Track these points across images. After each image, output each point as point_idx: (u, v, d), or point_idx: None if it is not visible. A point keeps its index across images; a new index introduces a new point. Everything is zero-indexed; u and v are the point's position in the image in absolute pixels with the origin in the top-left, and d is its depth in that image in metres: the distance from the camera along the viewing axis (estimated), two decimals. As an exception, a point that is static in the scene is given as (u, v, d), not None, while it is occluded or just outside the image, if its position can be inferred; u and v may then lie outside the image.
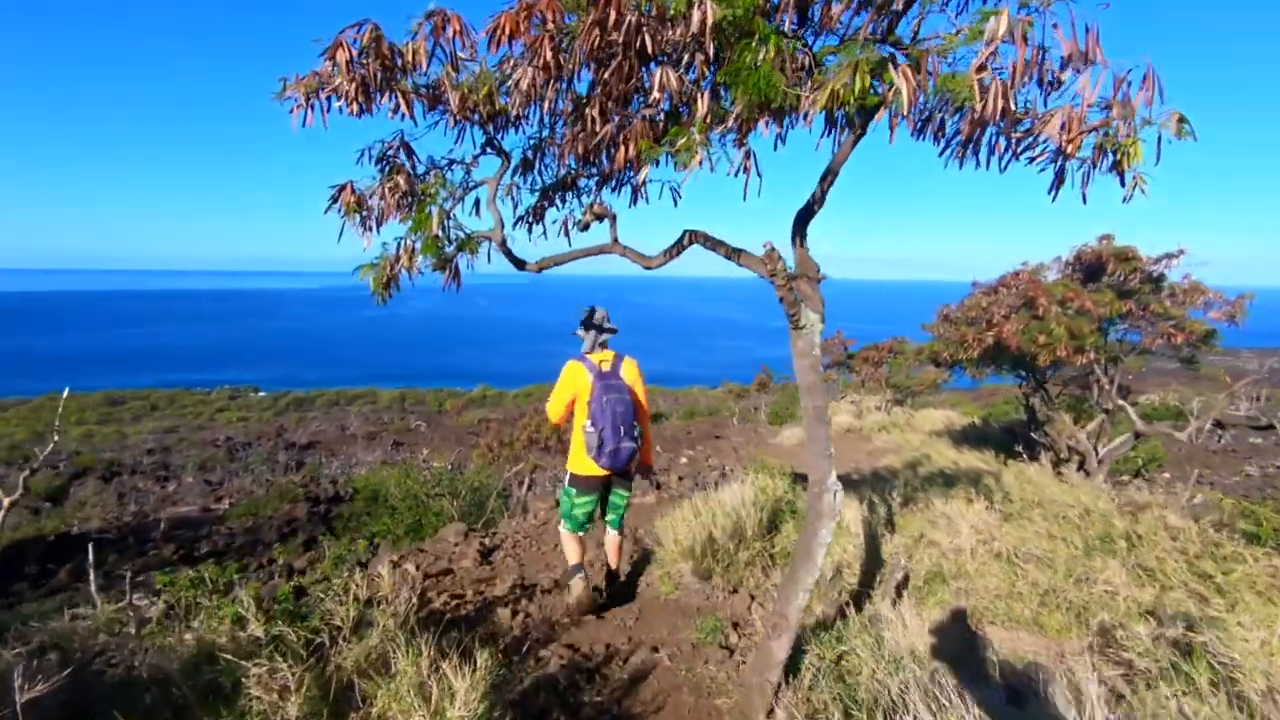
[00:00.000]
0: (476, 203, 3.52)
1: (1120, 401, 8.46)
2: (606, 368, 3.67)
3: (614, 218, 3.32)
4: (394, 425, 33.69)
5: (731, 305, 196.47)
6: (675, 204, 3.76)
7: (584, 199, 3.75)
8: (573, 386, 3.68)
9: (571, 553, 3.85)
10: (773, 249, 2.41)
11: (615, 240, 3.29)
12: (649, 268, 3.13)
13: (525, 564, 5.00)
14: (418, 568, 4.45)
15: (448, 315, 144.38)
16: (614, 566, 4.12)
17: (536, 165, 3.89)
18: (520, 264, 3.36)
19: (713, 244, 2.89)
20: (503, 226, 3.20)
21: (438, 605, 3.96)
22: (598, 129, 2.58)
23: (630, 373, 3.75)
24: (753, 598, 4.08)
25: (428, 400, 43.25)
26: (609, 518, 3.95)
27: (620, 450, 3.50)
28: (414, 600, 3.29)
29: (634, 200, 3.86)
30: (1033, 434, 9.80)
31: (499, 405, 39.80)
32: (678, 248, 3.01)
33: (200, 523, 8.75)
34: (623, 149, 2.57)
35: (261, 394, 47.41)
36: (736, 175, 2.47)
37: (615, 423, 3.48)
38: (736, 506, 4.46)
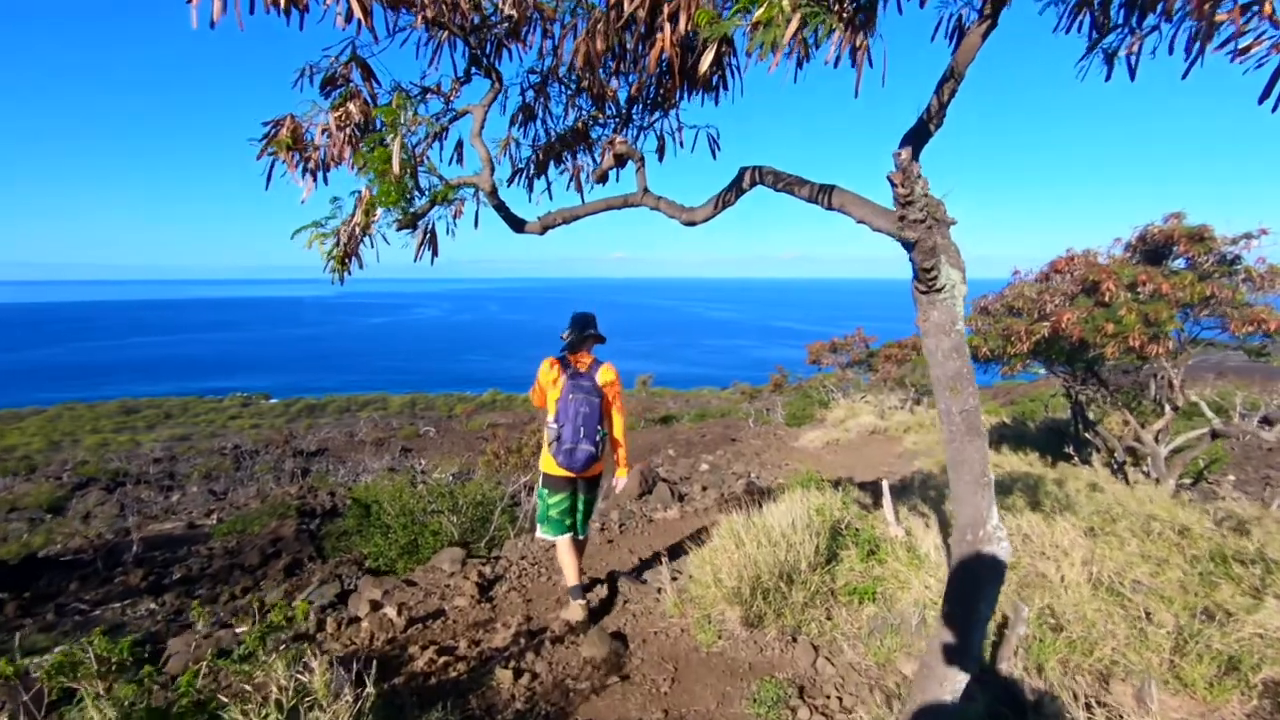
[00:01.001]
0: (459, 147, 2.66)
1: (1194, 397, 7.52)
2: (582, 369, 3.61)
3: (641, 161, 2.46)
4: (403, 431, 32.98)
5: (730, 306, 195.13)
6: (714, 155, 2.90)
7: (598, 155, 2.90)
8: (544, 381, 3.65)
9: (569, 571, 3.75)
10: (908, 161, 1.54)
11: (645, 190, 2.42)
12: (692, 222, 2.27)
13: (532, 599, 4.14)
14: (400, 611, 3.57)
15: (458, 322, 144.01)
16: (574, 580, 3.88)
17: (539, 113, 3.04)
18: (518, 224, 2.51)
19: (786, 183, 2.01)
20: (492, 168, 2.33)
21: (421, 664, 3.09)
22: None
23: (605, 378, 3.63)
24: (816, 649, 3.19)
25: (438, 406, 42.60)
26: (582, 528, 3.83)
27: (576, 451, 3.48)
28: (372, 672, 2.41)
29: (662, 152, 3.00)
30: (1085, 434, 8.86)
31: (509, 409, 39.04)
32: (734, 191, 2.15)
33: (184, 541, 7.94)
34: (666, 34, 1.71)
35: (273, 401, 46.92)
36: (838, 64, 1.61)
37: (576, 423, 3.46)
38: (786, 532, 3.57)
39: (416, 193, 2.20)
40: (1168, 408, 8.19)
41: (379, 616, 3.44)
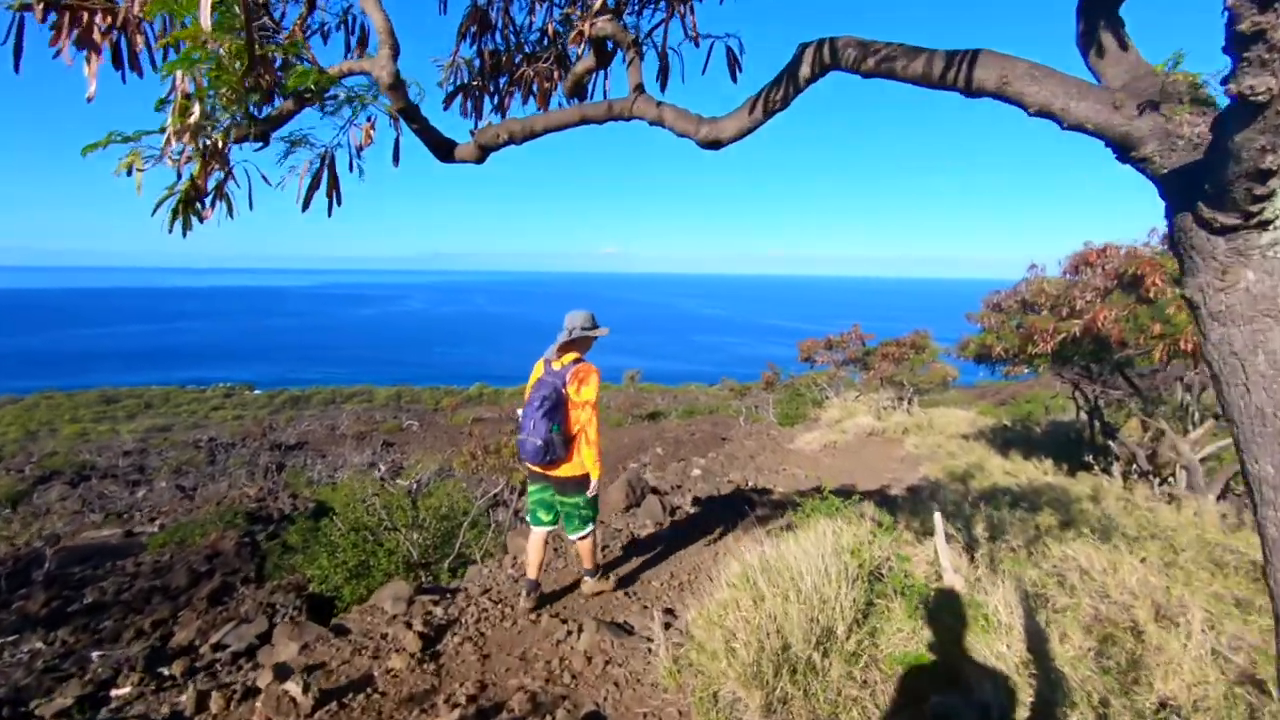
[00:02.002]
0: (355, 30, 1.77)
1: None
2: (557, 367, 3.59)
3: (635, 51, 1.60)
4: (385, 425, 31.95)
5: (717, 303, 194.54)
6: (733, 76, 2.02)
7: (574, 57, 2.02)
8: (530, 382, 3.67)
9: (529, 565, 3.83)
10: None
11: (639, 93, 1.56)
12: (715, 141, 1.41)
13: (490, 654, 3.26)
14: (309, 687, 2.66)
15: (444, 314, 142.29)
16: (587, 566, 4.03)
17: (496, 19, 2.14)
18: (445, 148, 1.65)
19: (883, 59, 1.15)
20: (396, 50, 1.44)
21: (323, 775, 2.21)
22: None
23: (573, 378, 3.53)
24: (861, 748, 2.35)
25: (424, 399, 41.55)
26: (567, 526, 3.80)
27: (525, 443, 3.50)
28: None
29: (664, 76, 2.12)
30: (1105, 441, 8.11)
31: (495, 404, 38.07)
32: (789, 84, 1.29)
33: (114, 553, 6.99)
34: None
35: (257, 392, 45.68)
36: None
37: (529, 415, 3.49)
38: (819, 582, 2.73)
39: (263, 80, 1.31)
40: (1196, 414, 7.47)
41: (278, 694, 2.55)
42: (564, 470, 3.57)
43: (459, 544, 5.48)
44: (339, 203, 1.72)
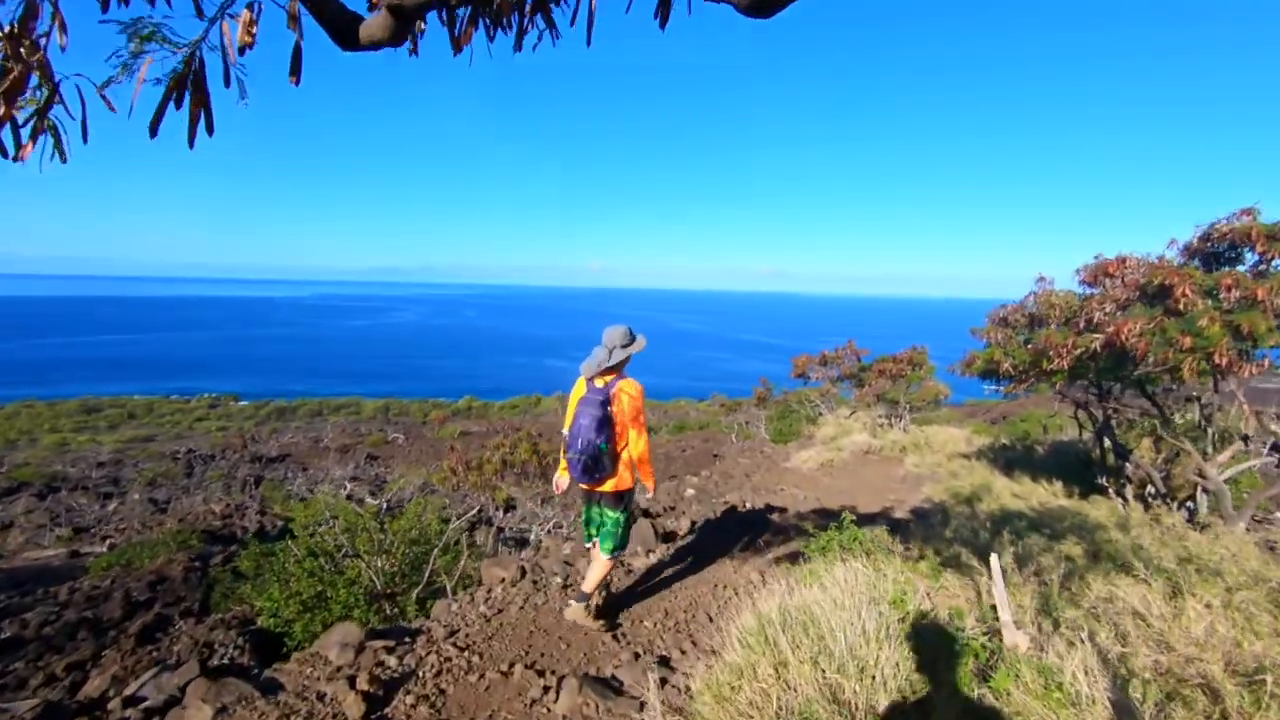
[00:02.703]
0: None
1: (1273, 425, 6.33)
2: (599, 384, 3.56)
3: None
4: (370, 438, 31.11)
5: (704, 319, 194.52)
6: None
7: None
8: (571, 400, 3.65)
9: (587, 579, 3.75)
10: None
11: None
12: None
13: (450, 718, 2.68)
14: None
15: (434, 326, 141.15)
16: (584, 586, 3.76)
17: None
18: (348, 26, 1.12)
19: None
20: None
21: None
22: None
23: (618, 395, 3.51)
24: None
25: (412, 411, 40.74)
26: (600, 539, 3.71)
27: (574, 461, 3.47)
28: None
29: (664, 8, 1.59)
30: (1126, 464, 7.63)
31: (483, 417, 37.34)
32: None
33: (53, 577, 6.30)
34: None
35: (243, 403, 44.71)
36: None
37: (575, 434, 3.47)
38: (854, 642, 2.18)
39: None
40: (1213, 435, 7.01)
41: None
42: (608, 485, 3.56)
43: (429, 572, 4.88)
44: (210, 130, 1.19)
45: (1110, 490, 7.71)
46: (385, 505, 6.41)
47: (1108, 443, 8.44)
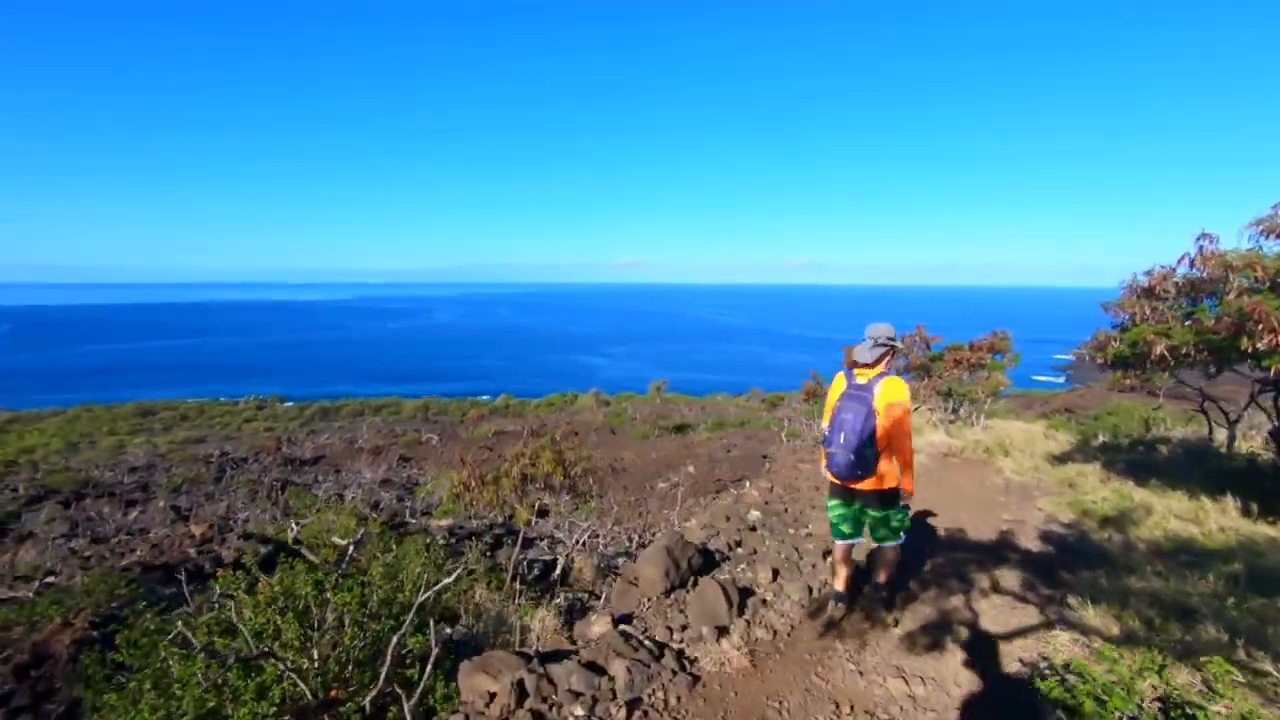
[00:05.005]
0: None
1: None
2: (862, 381, 3.48)
3: None
4: (404, 438, 30.12)
5: (741, 313, 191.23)
6: None
7: None
8: (829, 395, 3.63)
9: (836, 575, 3.78)
10: None
11: None
12: None
13: None
14: None
15: (471, 325, 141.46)
16: (880, 580, 3.75)
17: None
18: None
19: None
20: None
21: None
22: None
23: (883, 392, 3.37)
24: None
25: (450, 410, 39.95)
26: (874, 533, 3.64)
27: (834, 457, 3.45)
28: None
29: None
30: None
31: (520, 416, 36.15)
32: None
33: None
34: None
35: (288, 404, 44.63)
36: None
37: (836, 431, 3.44)
38: None
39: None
40: None
41: None
42: (870, 484, 3.46)
43: (387, 664, 3.26)
44: None
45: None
46: (351, 545, 4.85)
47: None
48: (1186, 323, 6.05)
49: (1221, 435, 9.04)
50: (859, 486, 3.45)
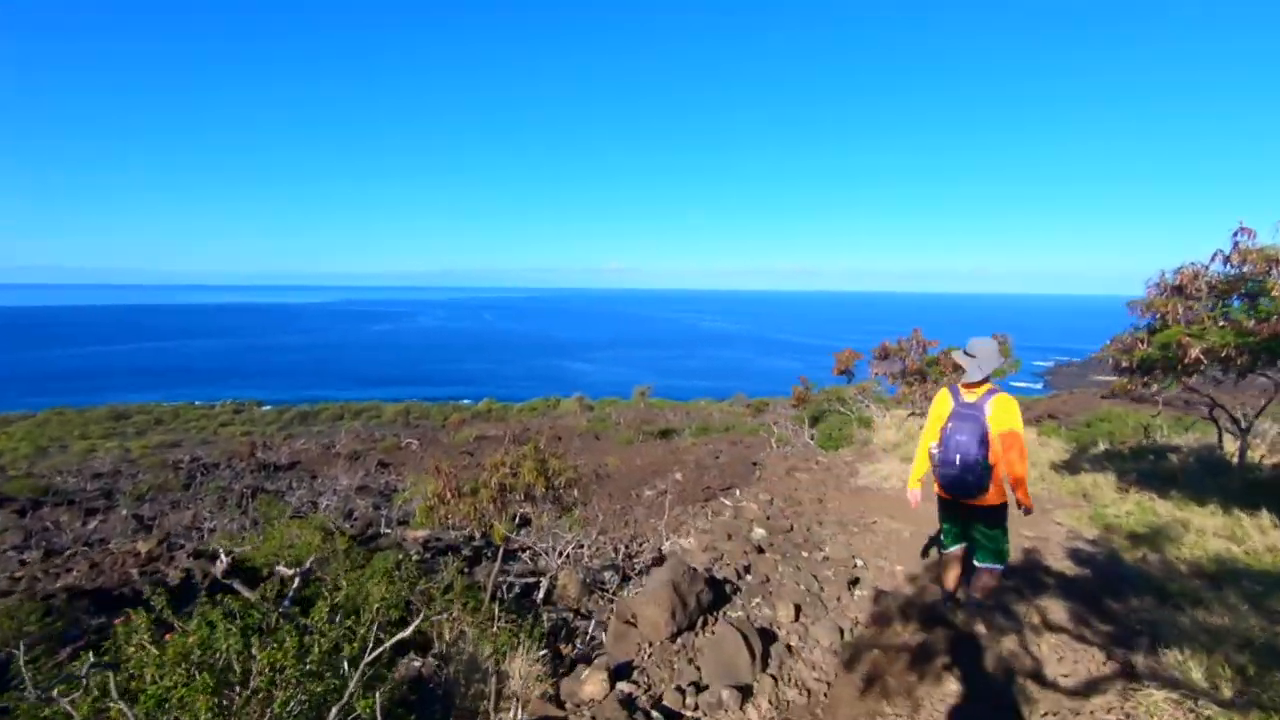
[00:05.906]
0: None
1: None
2: (970, 399, 3.50)
3: None
4: (383, 443, 29.18)
5: (727, 318, 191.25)
6: None
7: None
8: (935, 411, 3.66)
9: (945, 578, 3.89)
10: None
11: None
12: None
13: None
14: None
15: (454, 329, 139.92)
16: (978, 595, 3.77)
17: None
18: None
19: None
20: None
21: None
22: None
23: (996, 410, 3.40)
24: None
25: (432, 415, 39.04)
26: (977, 553, 3.70)
27: (947, 474, 3.49)
28: None
29: None
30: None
31: (503, 420, 35.33)
32: None
33: None
34: None
35: (266, 408, 43.37)
36: None
37: (950, 449, 3.46)
38: None
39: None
40: None
41: None
42: (982, 500, 3.49)
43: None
44: None
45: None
46: (297, 576, 4.18)
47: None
48: (1221, 323, 5.57)
49: (1230, 443, 8.64)
50: (972, 503, 3.52)
